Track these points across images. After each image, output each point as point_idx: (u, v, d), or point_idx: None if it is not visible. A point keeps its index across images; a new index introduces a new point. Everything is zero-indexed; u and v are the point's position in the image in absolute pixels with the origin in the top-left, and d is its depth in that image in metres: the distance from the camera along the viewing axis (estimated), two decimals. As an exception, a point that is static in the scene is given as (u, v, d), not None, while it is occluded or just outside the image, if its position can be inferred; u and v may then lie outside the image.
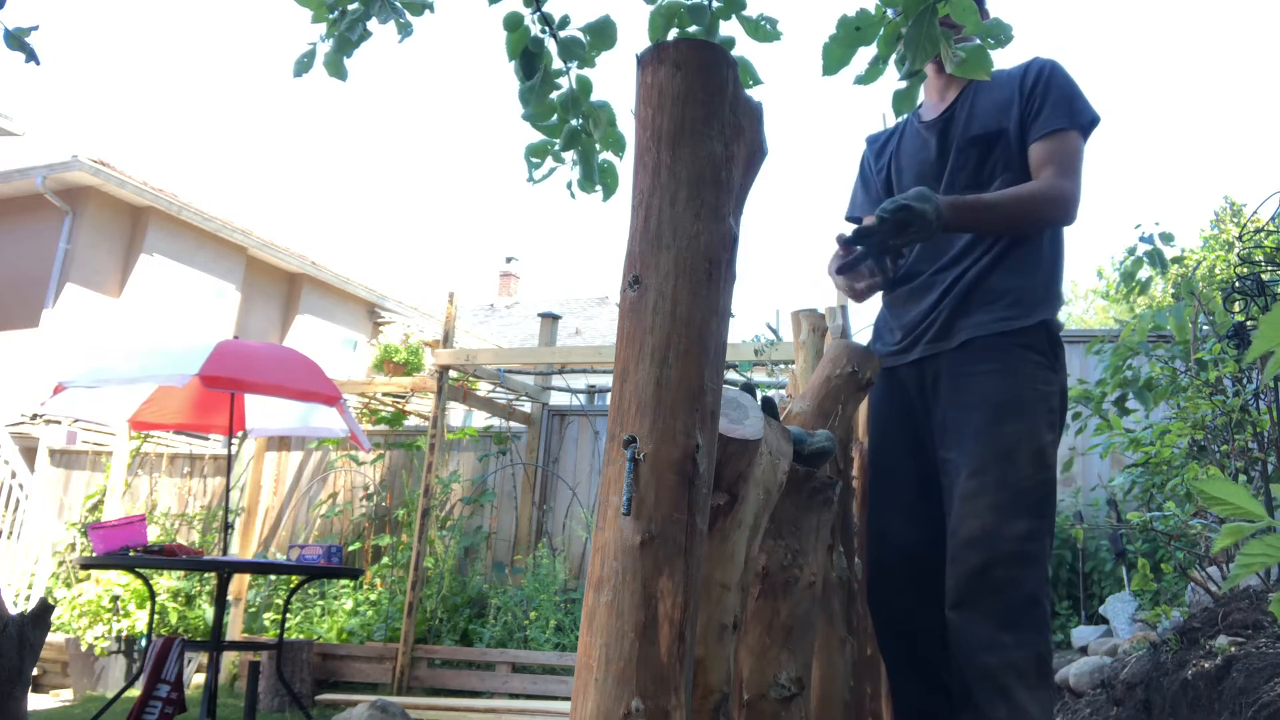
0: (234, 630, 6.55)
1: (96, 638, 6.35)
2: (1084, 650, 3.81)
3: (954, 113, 2.03)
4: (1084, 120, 1.94)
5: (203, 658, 6.46)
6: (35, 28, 2.26)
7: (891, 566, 1.95)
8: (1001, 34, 1.61)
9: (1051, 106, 1.94)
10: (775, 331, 7.09)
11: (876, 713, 2.39)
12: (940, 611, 1.78)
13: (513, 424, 7.34)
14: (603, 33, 2.14)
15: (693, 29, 2.04)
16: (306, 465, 7.67)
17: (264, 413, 4.99)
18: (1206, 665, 1.99)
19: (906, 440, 1.98)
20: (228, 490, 4.90)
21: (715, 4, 2.02)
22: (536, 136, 2.27)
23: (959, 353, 1.87)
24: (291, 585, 5.16)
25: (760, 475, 1.16)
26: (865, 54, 1.64)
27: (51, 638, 6.01)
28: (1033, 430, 1.77)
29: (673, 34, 2.03)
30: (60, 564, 7.31)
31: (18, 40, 2.26)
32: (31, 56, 2.29)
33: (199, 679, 6.41)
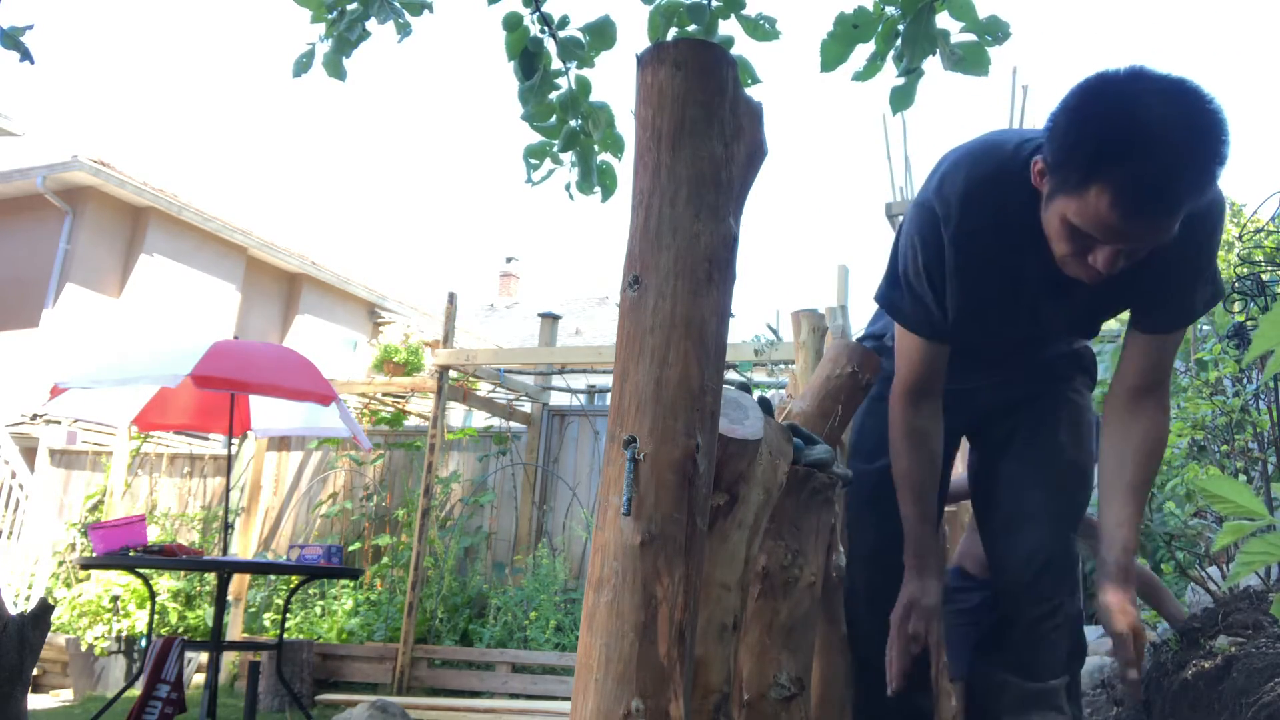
0: (234, 630, 6.55)
1: (96, 638, 6.35)
2: (1084, 650, 3.80)
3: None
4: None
5: (203, 658, 6.46)
6: (30, 27, 2.26)
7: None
8: (999, 31, 1.61)
9: (1199, 293, 1.50)
10: (775, 331, 7.09)
11: (876, 713, 2.39)
12: None
13: (513, 424, 7.34)
14: (602, 33, 2.14)
15: (692, 28, 2.04)
16: (306, 465, 7.67)
17: (267, 413, 5.00)
18: (1206, 665, 1.99)
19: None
20: (228, 490, 4.90)
21: (714, 3, 2.02)
22: (537, 137, 2.27)
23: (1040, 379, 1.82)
24: (291, 585, 5.16)
25: (760, 475, 1.16)
26: (863, 51, 1.64)
27: (51, 638, 6.01)
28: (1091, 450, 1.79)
29: (672, 33, 2.03)
30: (60, 564, 7.31)
31: (13, 40, 2.26)
32: (26, 56, 2.29)
33: (199, 679, 6.41)
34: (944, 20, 1.68)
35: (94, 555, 3.90)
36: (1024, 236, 1.45)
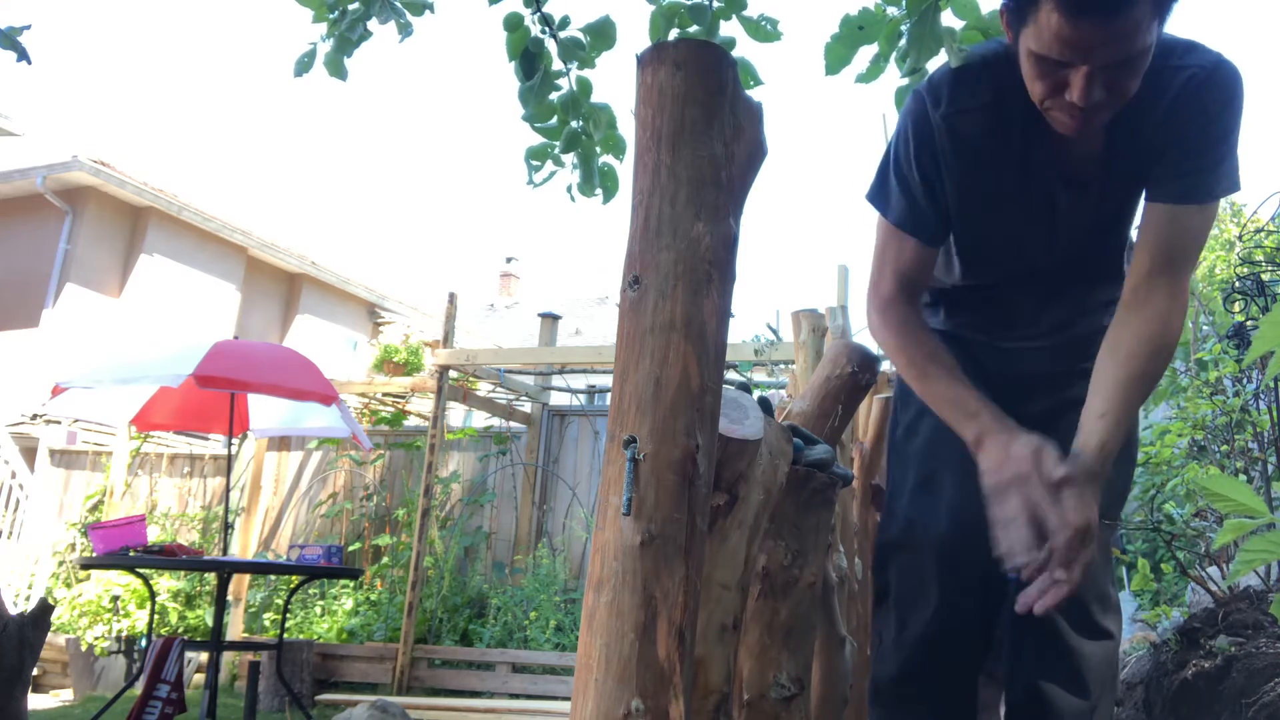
0: (234, 630, 6.56)
1: (96, 638, 6.36)
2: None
3: (1101, 171, 1.45)
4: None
5: (203, 658, 6.46)
6: (28, 27, 2.26)
7: (966, 547, 1.58)
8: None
9: (1224, 167, 1.41)
10: (775, 331, 7.09)
11: (876, 713, 2.39)
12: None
13: (513, 424, 7.34)
14: (603, 33, 2.14)
15: (693, 29, 2.04)
16: (306, 465, 7.67)
17: (266, 413, 5.00)
18: (1206, 665, 1.99)
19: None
20: (228, 490, 4.90)
21: (716, 4, 2.02)
22: (538, 137, 2.27)
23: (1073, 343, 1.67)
24: (291, 585, 5.16)
25: (760, 475, 1.16)
26: (866, 52, 1.63)
27: (51, 638, 6.01)
28: None
29: (673, 34, 2.03)
30: (60, 564, 7.31)
31: (10, 40, 2.26)
32: (23, 56, 2.29)
33: (199, 679, 6.41)
34: (948, 19, 1.68)
35: (94, 555, 3.91)
36: (1024, 117, 1.38)
